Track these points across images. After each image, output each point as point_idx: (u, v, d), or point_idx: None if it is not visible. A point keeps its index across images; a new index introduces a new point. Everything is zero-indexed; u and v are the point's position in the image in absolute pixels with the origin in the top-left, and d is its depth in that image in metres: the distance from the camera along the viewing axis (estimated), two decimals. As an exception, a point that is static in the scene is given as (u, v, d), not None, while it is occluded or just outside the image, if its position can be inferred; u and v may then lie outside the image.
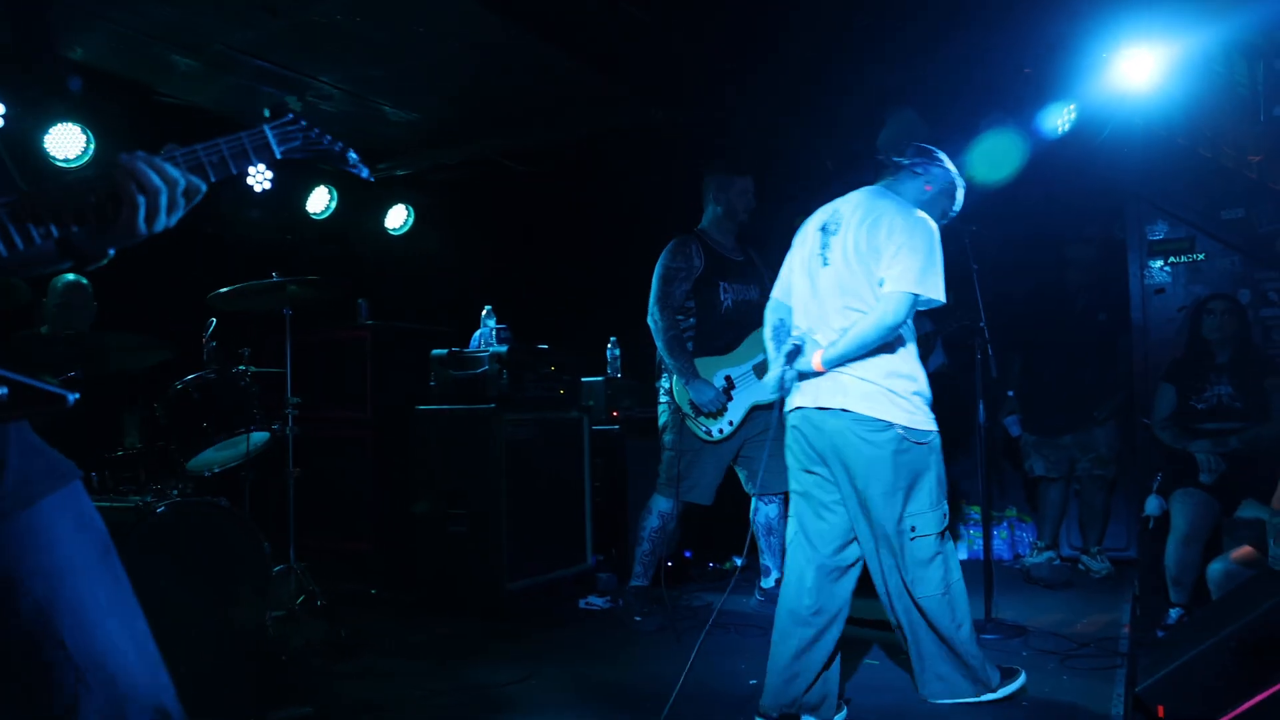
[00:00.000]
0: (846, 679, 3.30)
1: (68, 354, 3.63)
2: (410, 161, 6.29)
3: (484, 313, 4.83)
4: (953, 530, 3.35)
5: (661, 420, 4.51)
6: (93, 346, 3.72)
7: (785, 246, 3.36)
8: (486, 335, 4.74)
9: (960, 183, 3.28)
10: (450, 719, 3.11)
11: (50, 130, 4.57)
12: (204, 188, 1.35)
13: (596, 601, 4.69)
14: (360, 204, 6.35)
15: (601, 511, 5.08)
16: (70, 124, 4.61)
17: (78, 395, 1.18)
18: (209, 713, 1.35)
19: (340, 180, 6.11)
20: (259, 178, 5.46)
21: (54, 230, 1.24)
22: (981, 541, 5.63)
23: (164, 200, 1.29)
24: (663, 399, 4.49)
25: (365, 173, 1.64)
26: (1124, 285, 5.26)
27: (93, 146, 4.68)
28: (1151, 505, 4.30)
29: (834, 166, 5.94)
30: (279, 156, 1.46)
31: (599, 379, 5.55)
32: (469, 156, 6.22)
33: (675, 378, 4.36)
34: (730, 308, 4.43)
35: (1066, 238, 5.39)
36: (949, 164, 3.25)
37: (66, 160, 4.65)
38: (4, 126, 4.33)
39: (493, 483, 4.43)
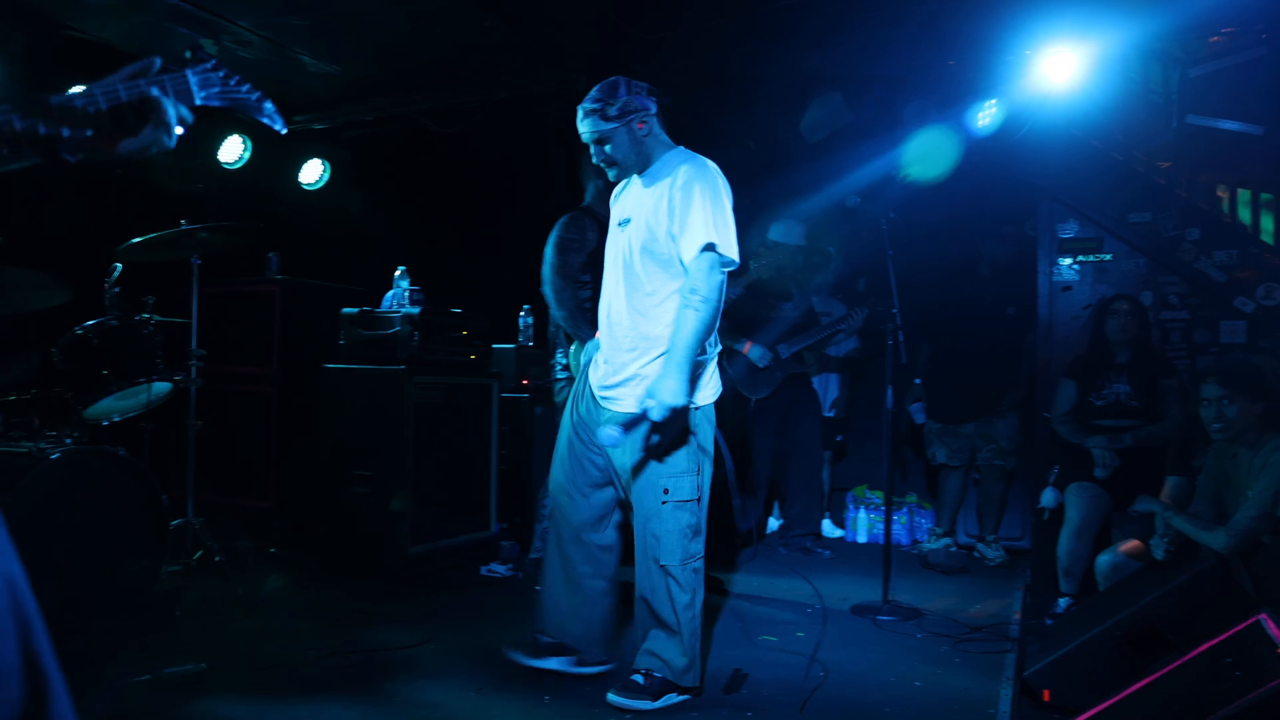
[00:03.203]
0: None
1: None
2: (328, 116, 6.13)
3: (397, 273, 4.73)
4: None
5: (559, 396, 4.48)
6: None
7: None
8: (399, 296, 4.64)
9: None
10: (348, 679, 3.05)
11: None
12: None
13: (498, 569, 4.66)
14: (275, 156, 6.15)
15: (507, 479, 5.04)
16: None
17: None
18: (100, 665, 1.29)
19: (254, 130, 5.90)
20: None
21: None
22: (882, 526, 5.78)
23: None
24: (560, 374, 4.44)
25: (280, 125, 1.60)
26: (1033, 281, 5.40)
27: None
28: (1047, 497, 4.44)
29: (755, 146, 5.97)
30: (197, 103, 1.41)
31: (510, 346, 5.51)
32: (387, 113, 6.08)
33: (574, 349, 4.34)
34: None
35: (983, 232, 5.51)
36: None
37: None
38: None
39: (399, 444, 4.36)
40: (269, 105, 1.55)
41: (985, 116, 5.22)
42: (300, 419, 4.99)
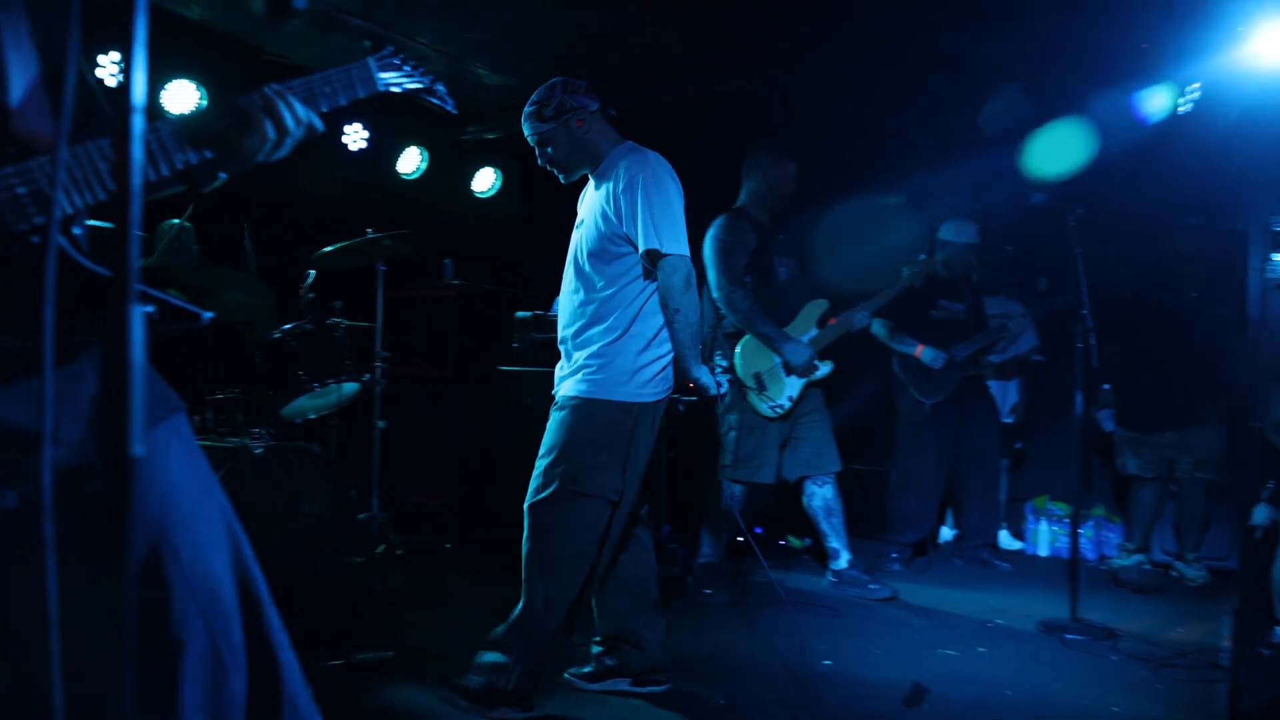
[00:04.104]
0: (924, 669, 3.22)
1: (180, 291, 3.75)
2: (500, 125, 6.31)
3: (568, 279, 4.82)
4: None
5: (723, 401, 4.46)
6: (201, 286, 3.84)
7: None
8: (571, 301, 4.72)
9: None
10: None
11: (166, 86, 4.74)
12: (319, 124, 1.39)
13: (666, 571, 4.66)
14: (450, 166, 6.40)
15: (676, 482, 5.05)
16: (184, 80, 4.76)
17: (212, 315, 1.22)
18: (297, 648, 1.34)
19: (431, 141, 6.15)
20: (354, 137, 5.54)
21: (191, 158, 1.26)
22: (1065, 539, 5.48)
23: (287, 131, 1.34)
24: (721, 378, 4.42)
25: (451, 106, 1.72)
26: (1241, 278, 4.98)
27: (204, 102, 4.80)
28: (1260, 514, 4.06)
29: (926, 142, 5.78)
30: (379, 88, 1.50)
31: (680, 350, 5.51)
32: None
33: (739, 350, 4.32)
34: (785, 282, 4.45)
35: (1177, 225, 5.12)
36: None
37: (179, 115, 4.78)
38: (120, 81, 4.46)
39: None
40: (441, 87, 1.65)
41: (1184, 101, 4.86)
42: (477, 419, 5.16)
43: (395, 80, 1.53)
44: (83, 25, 0.96)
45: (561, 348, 2.96)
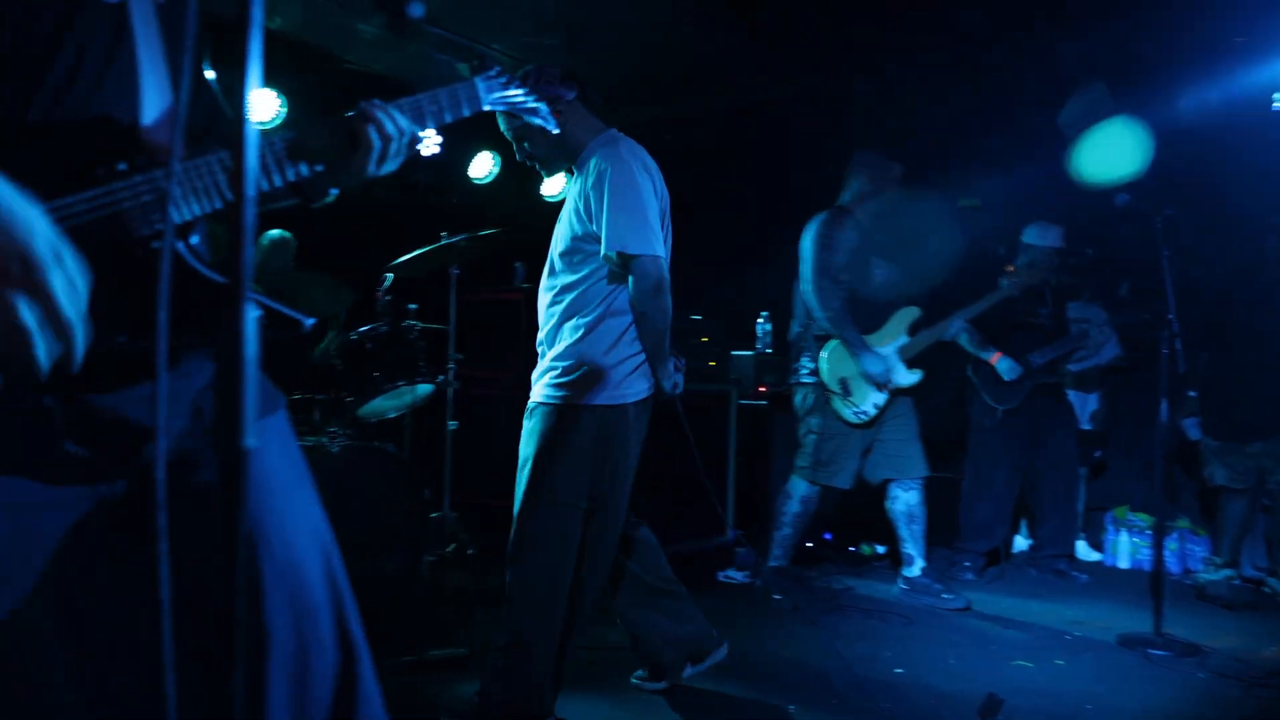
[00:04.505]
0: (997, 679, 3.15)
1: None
2: (569, 129, 6.35)
3: (638, 281, 4.83)
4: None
5: (798, 399, 4.41)
6: (291, 290, 3.95)
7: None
8: (640, 303, 4.73)
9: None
10: (592, 674, 3.15)
11: (248, 95, 4.83)
12: (422, 137, 1.44)
13: (735, 575, 4.65)
14: (520, 169, 6.42)
15: (743, 486, 5.03)
16: (267, 89, 4.87)
17: (314, 320, 1.25)
18: (373, 645, 1.36)
19: (503, 146, 6.19)
20: (428, 143, 5.62)
21: (303, 171, 1.30)
22: (1149, 551, 5.30)
23: (394, 146, 1.37)
24: (805, 378, 4.38)
25: (553, 125, 1.76)
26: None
27: (284, 110, 4.92)
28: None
29: (1007, 143, 5.66)
30: (483, 107, 1.53)
31: (748, 353, 5.50)
32: (627, 123, 6.22)
33: (826, 354, 4.27)
34: (880, 285, 4.38)
35: (1268, 225, 4.93)
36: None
37: (261, 123, 4.90)
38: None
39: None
40: (544, 107, 1.68)
41: (1277, 97, 4.68)
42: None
43: (500, 99, 1.56)
44: (205, 41, 1.00)
45: (539, 350, 2.84)
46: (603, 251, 2.58)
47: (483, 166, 6.22)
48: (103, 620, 1.29)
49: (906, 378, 4.36)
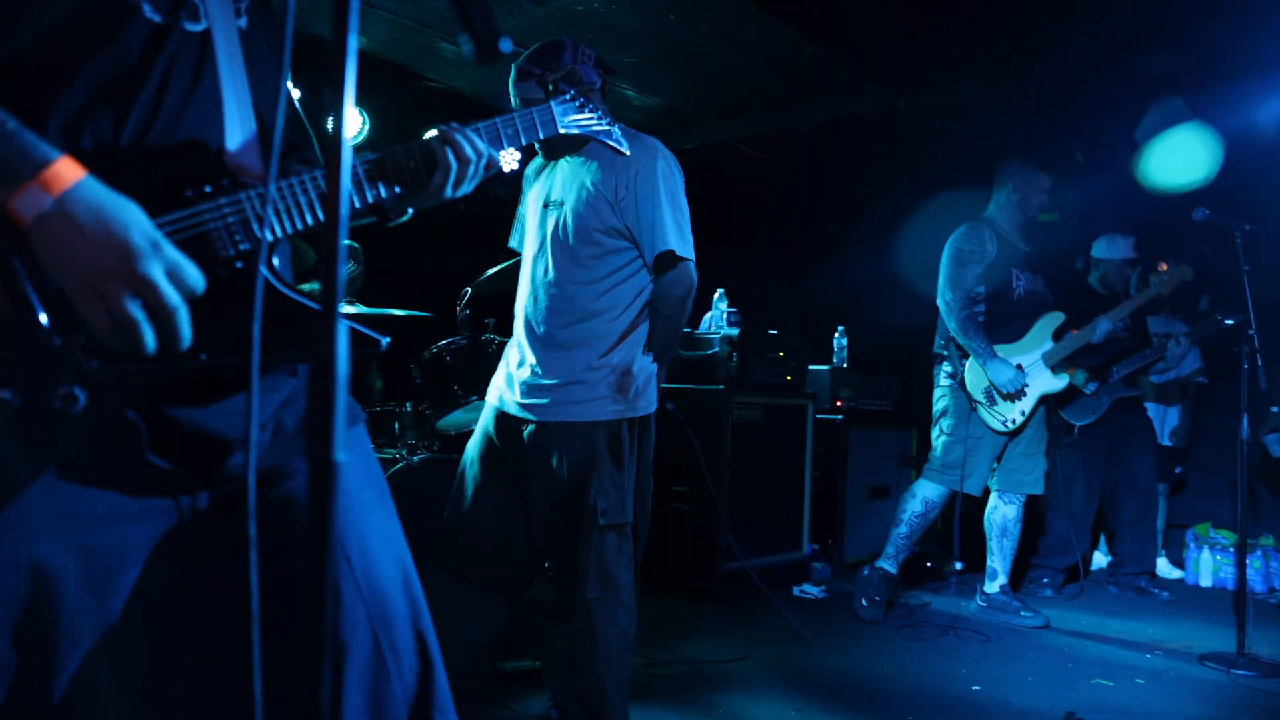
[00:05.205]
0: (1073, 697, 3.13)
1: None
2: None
3: (716, 295, 4.90)
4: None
5: (939, 405, 4.42)
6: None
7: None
8: (717, 318, 4.81)
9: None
10: (670, 688, 3.20)
11: (331, 113, 5.01)
12: (499, 159, 1.46)
13: (811, 590, 4.68)
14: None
15: (819, 501, 5.05)
16: (350, 107, 5.02)
17: (389, 339, 1.25)
18: (448, 657, 1.41)
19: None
20: (508, 158, 5.75)
21: (383, 192, 1.35)
22: (1232, 569, 5.19)
23: (471, 169, 1.40)
24: (944, 384, 4.42)
25: (626, 147, 1.81)
26: None
27: (367, 127, 5.09)
28: None
29: (1084, 159, 5.60)
30: (559, 130, 1.57)
31: (825, 368, 5.51)
32: (705, 141, 6.29)
33: (970, 363, 4.28)
34: (1022, 296, 4.37)
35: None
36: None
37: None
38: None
39: (717, 463, 4.49)
40: (617, 130, 1.74)
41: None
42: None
43: (574, 122, 1.61)
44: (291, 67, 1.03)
45: (528, 341, 2.63)
46: (652, 249, 2.48)
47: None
48: (188, 630, 1.31)
49: (1053, 384, 4.32)
